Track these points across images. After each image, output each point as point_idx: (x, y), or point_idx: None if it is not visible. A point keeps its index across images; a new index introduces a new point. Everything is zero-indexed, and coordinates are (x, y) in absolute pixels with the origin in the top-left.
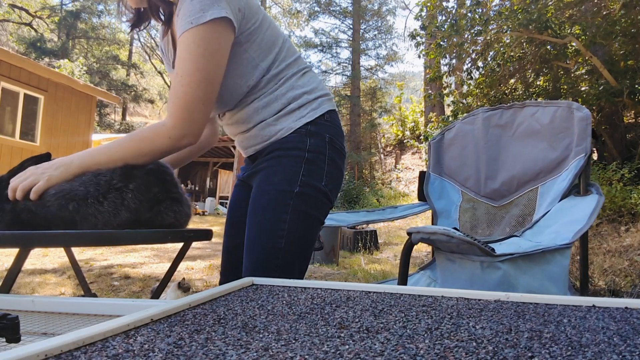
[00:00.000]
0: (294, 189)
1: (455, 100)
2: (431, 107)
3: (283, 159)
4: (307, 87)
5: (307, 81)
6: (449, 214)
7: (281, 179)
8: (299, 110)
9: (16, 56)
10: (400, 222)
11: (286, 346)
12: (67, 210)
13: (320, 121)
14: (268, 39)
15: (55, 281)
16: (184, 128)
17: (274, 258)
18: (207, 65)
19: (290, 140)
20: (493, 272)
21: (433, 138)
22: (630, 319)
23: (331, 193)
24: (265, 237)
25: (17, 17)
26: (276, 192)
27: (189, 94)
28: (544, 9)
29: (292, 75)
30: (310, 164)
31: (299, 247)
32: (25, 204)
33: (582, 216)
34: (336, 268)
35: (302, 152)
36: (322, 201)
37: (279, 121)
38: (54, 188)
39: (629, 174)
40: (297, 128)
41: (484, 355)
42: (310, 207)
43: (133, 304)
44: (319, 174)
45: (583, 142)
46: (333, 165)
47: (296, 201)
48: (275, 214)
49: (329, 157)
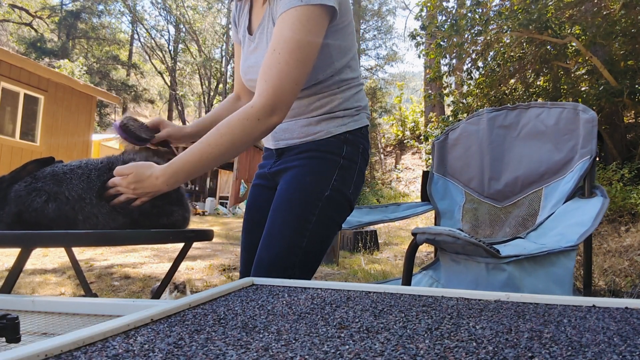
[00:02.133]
0: (324, 192)
1: (455, 100)
2: (431, 107)
3: (318, 161)
4: (361, 103)
5: (362, 97)
6: (452, 214)
7: (314, 179)
8: (342, 119)
9: (16, 56)
10: (401, 222)
11: (286, 346)
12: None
13: (358, 133)
14: (348, 43)
15: (55, 281)
16: (275, 108)
17: (294, 255)
18: (308, 47)
19: (328, 143)
20: (498, 273)
21: (437, 138)
22: (630, 319)
23: (353, 202)
24: (288, 233)
25: (17, 17)
26: (307, 191)
27: (284, 72)
28: (544, 9)
29: (354, 86)
30: (343, 170)
31: (318, 249)
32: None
33: (587, 218)
34: (336, 268)
35: (338, 157)
36: (345, 208)
37: (320, 124)
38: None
39: (629, 174)
40: (336, 134)
41: (484, 355)
42: (336, 212)
43: (133, 304)
44: (349, 182)
45: (588, 144)
46: (360, 176)
47: (325, 204)
48: (303, 213)
49: (359, 167)
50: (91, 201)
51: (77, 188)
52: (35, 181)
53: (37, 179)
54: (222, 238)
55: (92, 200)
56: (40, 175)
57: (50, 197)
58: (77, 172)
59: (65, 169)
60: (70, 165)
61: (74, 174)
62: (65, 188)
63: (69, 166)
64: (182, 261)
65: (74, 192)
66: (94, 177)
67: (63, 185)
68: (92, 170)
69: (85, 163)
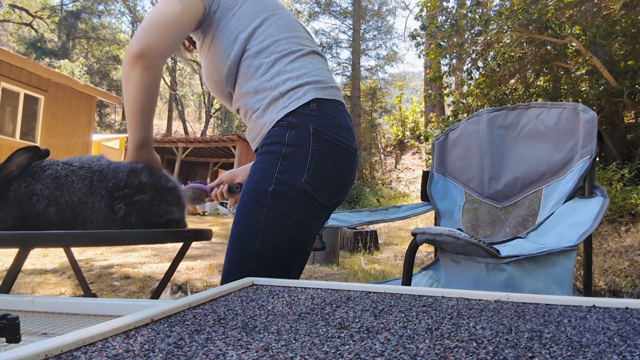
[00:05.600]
0: (268, 188)
1: (455, 100)
2: (431, 107)
3: (264, 156)
4: (294, 72)
5: (299, 66)
6: (452, 214)
7: (259, 177)
8: (282, 100)
9: (16, 56)
10: (401, 223)
11: (286, 346)
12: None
13: (304, 111)
14: (249, 11)
15: (55, 281)
16: (134, 55)
17: (249, 261)
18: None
19: (272, 134)
20: (498, 273)
21: (437, 138)
22: (630, 320)
23: (318, 192)
24: (239, 238)
25: (17, 18)
26: (252, 191)
27: (142, 27)
28: (544, 9)
29: (281, 57)
30: (287, 159)
31: (277, 251)
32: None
33: (587, 218)
34: (336, 268)
35: (280, 146)
36: (303, 201)
37: (265, 113)
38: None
39: (629, 174)
40: (278, 120)
41: (484, 355)
42: (288, 208)
43: (133, 304)
44: (299, 170)
45: (589, 144)
46: (320, 160)
47: (271, 201)
48: (251, 215)
49: (313, 150)
50: (93, 205)
51: (79, 192)
52: (35, 182)
53: (37, 180)
54: (222, 238)
55: (94, 205)
56: (40, 176)
57: (51, 202)
58: (80, 173)
59: (68, 170)
60: (71, 166)
61: (76, 176)
62: (66, 192)
63: (70, 167)
64: (181, 261)
65: (75, 196)
66: (96, 181)
67: (64, 189)
68: (96, 172)
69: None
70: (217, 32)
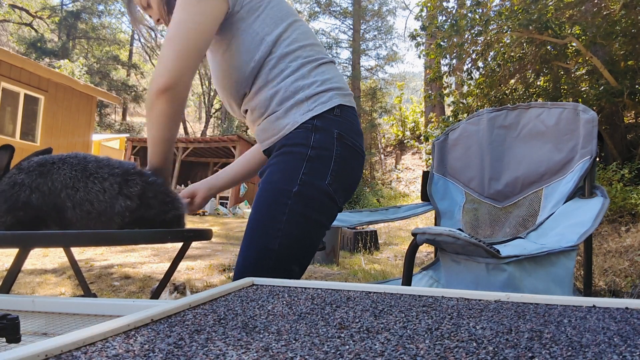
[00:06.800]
0: (292, 188)
1: (455, 100)
2: (431, 108)
3: (286, 156)
4: (319, 77)
5: (323, 71)
6: (452, 214)
7: (281, 177)
8: (307, 103)
9: (16, 56)
10: (401, 223)
11: (286, 346)
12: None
13: (329, 115)
14: (276, 14)
15: (55, 281)
16: (160, 90)
17: (266, 259)
18: (193, 30)
19: (295, 136)
20: (498, 274)
21: (437, 138)
22: (630, 320)
23: (337, 194)
24: (258, 236)
25: (17, 18)
26: (275, 190)
27: (164, 56)
28: (544, 9)
29: (307, 62)
30: (313, 161)
31: (295, 251)
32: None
33: (587, 218)
34: (336, 268)
35: (305, 148)
36: (324, 202)
37: (287, 115)
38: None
39: (629, 174)
40: (302, 122)
41: (484, 355)
42: (310, 209)
43: (133, 304)
44: (323, 173)
45: (589, 144)
46: (341, 164)
47: (294, 201)
48: (272, 214)
49: (336, 154)
50: (85, 187)
51: (64, 177)
52: (19, 173)
53: (21, 170)
54: (222, 238)
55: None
56: (24, 166)
57: (33, 189)
58: (70, 161)
59: (55, 158)
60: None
61: (64, 163)
62: (49, 179)
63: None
64: (181, 261)
65: (57, 182)
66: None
67: (48, 176)
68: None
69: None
70: (239, 32)
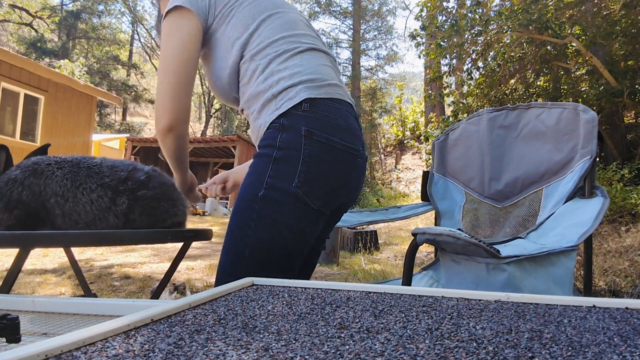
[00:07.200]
0: (259, 192)
1: (455, 100)
2: (431, 108)
3: (257, 159)
4: (287, 72)
5: (293, 64)
6: (453, 214)
7: (250, 181)
8: (275, 101)
9: (17, 56)
10: (401, 223)
11: (286, 346)
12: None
13: (296, 112)
14: (246, 15)
15: (55, 281)
16: (165, 127)
17: (241, 265)
18: (177, 57)
19: (266, 137)
20: (498, 274)
21: (437, 138)
22: (630, 320)
23: (310, 196)
24: (229, 242)
25: (17, 18)
26: (244, 195)
27: (160, 92)
28: (544, 9)
29: (276, 57)
30: (278, 163)
31: (267, 257)
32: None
33: (587, 218)
34: (336, 268)
35: (272, 149)
36: (293, 205)
37: (260, 115)
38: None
39: (629, 174)
40: (271, 122)
41: (484, 355)
42: (278, 212)
43: (133, 304)
44: (289, 174)
45: (589, 144)
46: (312, 163)
47: (262, 206)
48: (242, 219)
49: (305, 153)
50: (74, 198)
51: (55, 185)
52: (15, 169)
53: (17, 167)
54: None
55: (76, 197)
56: (21, 164)
57: (25, 187)
58: (64, 166)
59: (51, 160)
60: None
61: (59, 167)
62: (42, 182)
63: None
64: (181, 261)
65: (48, 188)
66: (82, 176)
67: (41, 178)
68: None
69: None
70: (216, 42)
